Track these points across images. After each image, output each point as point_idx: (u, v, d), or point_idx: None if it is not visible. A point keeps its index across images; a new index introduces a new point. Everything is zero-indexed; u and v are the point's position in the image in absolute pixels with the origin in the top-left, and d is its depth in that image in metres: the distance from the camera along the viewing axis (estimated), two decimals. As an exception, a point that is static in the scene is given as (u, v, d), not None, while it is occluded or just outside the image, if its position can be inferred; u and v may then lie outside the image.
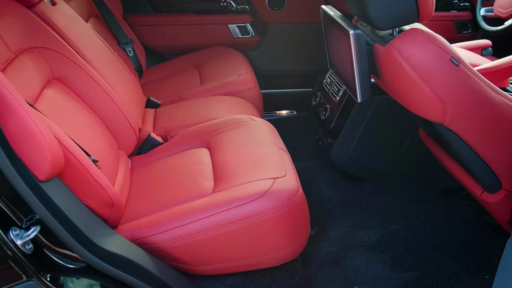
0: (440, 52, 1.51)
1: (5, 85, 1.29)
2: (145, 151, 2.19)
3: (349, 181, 2.65)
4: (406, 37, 1.55)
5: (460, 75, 1.53)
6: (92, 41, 2.34)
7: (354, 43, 1.72)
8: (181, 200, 1.74)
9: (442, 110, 1.55)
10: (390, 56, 1.57)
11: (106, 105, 2.05)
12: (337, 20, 1.85)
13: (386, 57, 1.61)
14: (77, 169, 1.48)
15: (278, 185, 1.67)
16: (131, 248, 1.55)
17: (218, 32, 3.41)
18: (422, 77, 1.52)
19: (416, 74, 1.52)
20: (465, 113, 1.58)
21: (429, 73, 1.52)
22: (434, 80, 1.52)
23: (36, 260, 1.30)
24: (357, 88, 1.79)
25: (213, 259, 1.67)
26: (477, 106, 1.57)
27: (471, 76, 1.55)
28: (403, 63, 1.53)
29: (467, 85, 1.54)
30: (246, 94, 2.71)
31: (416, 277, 2.03)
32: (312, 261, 2.17)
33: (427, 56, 1.51)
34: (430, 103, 1.56)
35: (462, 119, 1.59)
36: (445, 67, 1.52)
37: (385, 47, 1.60)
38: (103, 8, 2.94)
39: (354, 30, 1.72)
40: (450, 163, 2.01)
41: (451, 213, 2.35)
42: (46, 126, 1.37)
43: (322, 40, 3.44)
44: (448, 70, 1.52)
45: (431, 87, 1.52)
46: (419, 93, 1.56)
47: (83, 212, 1.46)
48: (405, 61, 1.52)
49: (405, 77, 1.56)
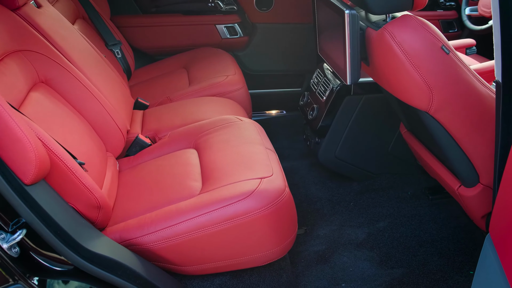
0: (432, 39, 1.54)
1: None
2: (133, 153, 2.20)
3: (337, 180, 2.67)
4: (400, 22, 1.57)
5: (450, 64, 1.56)
6: (78, 44, 2.35)
7: (348, 23, 1.74)
8: (169, 201, 1.76)
9: (429, 97, 1.57)
10: (383, 40, 1.59)
11: (93, 107, 2.05)
12: (332, 0, 1.86)
13: (379, 41, 1.63)
14: (63, 172, 1.49)
15: (264, 185, 1.69)
16: (118, 249, 1.56)
17: (206, 33, 3.42)
18: (412, 62, 1.54)
19: (407, 59, 1.54)
20: (451, 102, 1.60)
21: (419, 59, 1.54)
22: (423, 66, 1.54)
23: (23, 263, 1.31)
24: (348, 69, 1.80)
25: (201, 259, 1.69)
26: (463, 96, 1.60)
27: (460, 65, 1.58)
28: (395, 47, 1.55)
29: (455, 74, 1.57)
30: (235, 95, 2.73)
31: (402, 274, 2.06)
32: (301, 259, 2.18)
33: (419, 41, 1.54)
34: (418, 89, 1.58)
35: (447, 108, 1.61)
36: (436, 54, 1.54)
37: (378, 32, 1.63)
38: (90, 10, 2.94)
39: (349, 10, 1.74)
40: (429, 158, 2.04)
41: (437, 210, 2.38)
42: (30, 129, 1.37)
43: (311, 40, 3.47)
44: (438, 57, 1.54)
45: (420, 73, 1.54)
46: (408, 79, 1.58)
47: (69, 215, 1.47)
48: (397, 45, 1.54)
49: (395, 62, 1.58)
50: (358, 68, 1.80)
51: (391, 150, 2.51)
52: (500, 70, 1.36)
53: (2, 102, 1.31)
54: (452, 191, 1.91)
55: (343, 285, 2.04)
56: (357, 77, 1.81)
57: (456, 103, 1.61)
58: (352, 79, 1.82)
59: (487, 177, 1.72)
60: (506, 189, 1.27)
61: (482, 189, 1.74)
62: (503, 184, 1.29)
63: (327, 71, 2.54)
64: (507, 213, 1.25)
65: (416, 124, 1.96)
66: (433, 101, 1.59)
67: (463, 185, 1.82)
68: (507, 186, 1.26)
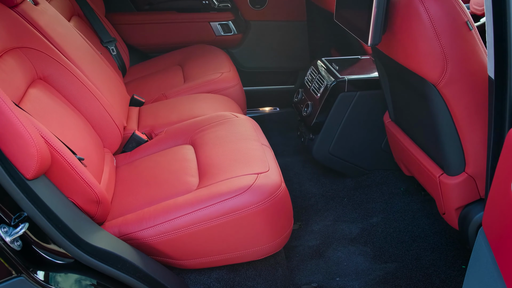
0: (458, 12, 1.57)
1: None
2: (130, 149, 2.22)
3: (330, 176, 2.71)
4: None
5: (470, 40, 1.59)
6: (75, 41, 2.36)
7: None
8: (167, 196, 1.78)
9: (443, 69, 1.60)
10: (411, 4, 1.62)
11: (90, 104, 2.07)
12: None
13: (406, 4, 1.66)
14: (63, 167, 1.51)
15: (261, 180, 1.72)
16: (117, 243, 1.58)
17: (201, 30, 3.45)
18: (436, 29, 1.57)
19: (431, 25, 1.57)
20: (462, 79, 1.63)
21: (443, 27, 1.57)
22: (445, 36, 1.57)
23: (25, 256, 1.33)
24: (371, 30, 1.78)
25: (199, 253, 1.71)
26: (474, 75, 1.62)
27: (479, 45, 1.61)
28: (422, 11, 1.58)
29: (472, 51, 1.60)
30: (229, 92, 2.75)
31: (396, 268, 2.09)
32: (295, 254, 2.22)
33: (447, 11, 1.57)
34: (434, 59, 1.60)
35: (457, 84, 1.63)
36: (460, 27, 1.57)
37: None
38: (85, 7, 2.96)
39: None
40: (412, 147, 2.07)
41: (429, 205, 2.42)
42: (32, 125, 1.39)
43: (304, 38, 3.50)
44: (462, 31, 1.58)
45: (441, 42, 1.57)
46: (427, 46, 1.60)
47: (70, 209, 1.49)
48: (425, 10, 1.57)
49: (419, 26, 1.60)
50: (380, 29, 1.80)
51: (384, 146, 2.55)
52: (493, 67, 1.39)
53: (4, 97, 1.33)
54: (431, 181, 1.93)
55: (337, 279, 2.07)
56: (378, 39, 1.81)
57: (467, 80, 1.63)
58: (374, 40, 1.82)
59: (473, 167, 1.75)
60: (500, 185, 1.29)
61: (466, 178, 1.77)
62: (496, 179, 1.32)
63: (321, 68, 2.57)
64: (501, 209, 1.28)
65: (409, 107, 1.98)
66: (446, 73, 1.61)
67: (445, 173, 1.85)
68: (500, 182, 1.29)
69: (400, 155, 2.27)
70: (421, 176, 2.07)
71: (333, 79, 2.43)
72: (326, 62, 2.60)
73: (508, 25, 1.33)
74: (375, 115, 2.47)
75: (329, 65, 2.56)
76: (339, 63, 2.60)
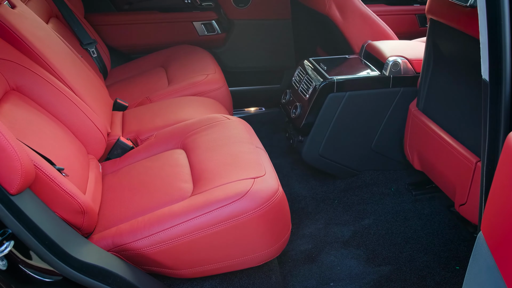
0: None
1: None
2: (115, 156, 2.15)
3: (320, 178, 2.67)
4: None
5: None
6: (55, 44, 2.27)
7: None
8: (161, 204, 1.72)
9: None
10: None
11: (70, 110, 1.99)
12: None
13: None
14: (42, 180, 1.44)
15: (258, 185, 1.67)
16: (106, 257, 1.52)
17: (183, 30, 3.38)
18: None
19: None
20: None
21: None
22: None
23: (12, 275, 1.27)
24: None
25: (195, 261, 1.65)
26: None
27: None
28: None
29: None
30: (215, 94, 2.69)
31: (390, 271, 2.07)
32: (288, 259, 2.18)
33: None
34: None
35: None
36: None
37: None
38: (63, 8, 2.86)
39: None
40: (445, 134, 2.07)
41: (421, 206, 2.40)
42: (15, 139, 1.32)
43: (288, 36, 3.46)
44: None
45: None
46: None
47: (56, 223, 1.42)
48: None
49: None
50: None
51: (374, 146, 2.52)
52: (487, 69, 1.36)
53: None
54: (464, 169, 1.91)
55: (331, 284, 2.04)
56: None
57: None
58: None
59: None
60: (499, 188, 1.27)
61: None
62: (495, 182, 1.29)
63: (309, 68, 2.53)
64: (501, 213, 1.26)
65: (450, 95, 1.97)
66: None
67: None
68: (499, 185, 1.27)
69: (423, 145, 2.24)
70: (448, 165, 2.05)
71: (322, 80, 2.39)
72: (314, 62, 2.56)
73: (502, 26, 1.30)
74: (365, 115, 2.44)
75: (316, 65, 2.52)
76: (326, 63, 2.56)
